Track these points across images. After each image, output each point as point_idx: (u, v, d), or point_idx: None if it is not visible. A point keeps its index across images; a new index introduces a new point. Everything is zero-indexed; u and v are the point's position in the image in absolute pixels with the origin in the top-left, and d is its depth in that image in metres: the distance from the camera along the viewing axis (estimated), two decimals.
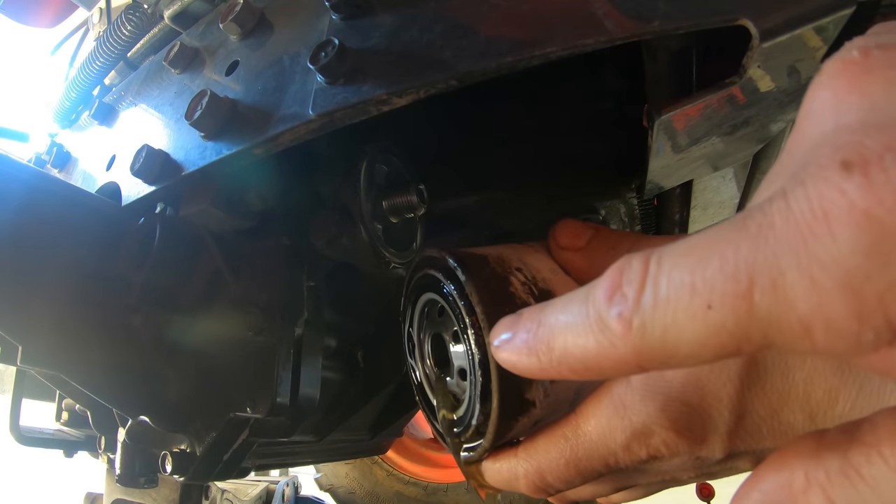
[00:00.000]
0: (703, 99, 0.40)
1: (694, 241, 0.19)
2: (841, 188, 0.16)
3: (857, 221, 0.16)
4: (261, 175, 0.53)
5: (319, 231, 0.55)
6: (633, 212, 0.76)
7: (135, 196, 0.53)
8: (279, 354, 0.54)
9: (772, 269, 0.17)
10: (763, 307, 0.17)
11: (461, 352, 0.33)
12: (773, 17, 0.33)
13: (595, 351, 0.21)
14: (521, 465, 0.31)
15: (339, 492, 2.08)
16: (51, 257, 0.51)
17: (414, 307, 0.39)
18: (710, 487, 2.46)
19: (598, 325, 0.21)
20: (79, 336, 0.53)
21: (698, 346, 0.19)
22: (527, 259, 0.35)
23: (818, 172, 0.17)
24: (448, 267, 0.34)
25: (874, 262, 0.15)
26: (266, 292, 0.55)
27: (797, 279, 0.17)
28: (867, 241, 0.16)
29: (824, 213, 0.16)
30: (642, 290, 0.20)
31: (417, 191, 0.55)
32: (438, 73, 0.37)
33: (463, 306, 0.32)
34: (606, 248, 0.34)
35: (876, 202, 0.15)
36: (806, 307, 0.17)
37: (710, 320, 0.18)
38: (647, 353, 0.20)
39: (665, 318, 0.19)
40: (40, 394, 0.87)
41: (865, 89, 0.18)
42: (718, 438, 0.28)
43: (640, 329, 0.20)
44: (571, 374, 0.23)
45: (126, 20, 0.65)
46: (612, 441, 0.29)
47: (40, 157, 0.81)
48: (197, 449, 0.56)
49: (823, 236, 0.16)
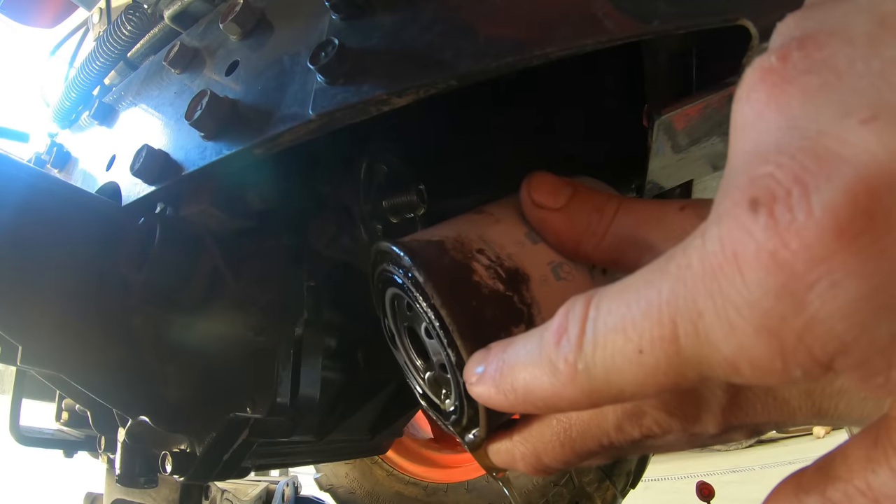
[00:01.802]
0: (703, 99, 0.40)
1: (626, 283, 0.20)
2: (749, 229, 0.16)
3: (765, 264, 0.16)
4: (261, 175, 0.53)
5: (319, 231, 0.55)
6: None
7: (135, 196, 0.53)
8: (279, 354, 0.54)
9: (691, 312, 0.17)
10: (689, 349, 0.18)
11: (437, 347, 0.32)
12: (773, 16, 0.33)
13: (550, 391, 0.22)
14: (518, 448, 0.31)
15: (339, 492, 2.08)
16: (51, 257, 0.51)
17: (383, 302, 0.37)
18: (710, 487, 2.47)
19: (549, 367, 0.22)
20: (79, 336, 0.53)
21: (639, 385, 0.19)
22: (488, 234, 0.33)
23: (729, 211, 0.17)
24: (404, 265, 0.32)
25: (786, 303, 0.15)
26: (266, 292, 0.55)
27: (715, 322, 0.17)
28: (776, 283, 0.15)
29: (734, 255, 0.16)
30: (583, 335, 0.20)
31: (417, 191, 0.55)
32: (438, 73, 0.37)
33: (428, 306, 0.30)
34: (591, 210, 0.32)
35: (781, 244, 0.15)
36: (728, 349, 0.17)
37: (644, 363, 0.19)
38: (596, 393, 0.21)
39: (606, 363, 0.20)
40: (40, 394, 0.87)
41: (783, 102, 0.18)
42: (712, 416, 0.28)
43: (585, 372, 0.20)
44: (537, 411, 0.24)
45: (126, 20, 0.65)
46: (604, 422, 0.29)
47: (40, 157, 0.81)
48: (197, 449, 0.56)
49: (735, 279, 0.16)
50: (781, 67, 0.18)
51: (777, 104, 0.18)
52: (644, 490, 2.10)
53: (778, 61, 0.18)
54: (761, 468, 4.21)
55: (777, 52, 0.18)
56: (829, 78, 0.17)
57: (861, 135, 0.15)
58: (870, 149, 0.15)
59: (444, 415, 0.35)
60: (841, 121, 0.16)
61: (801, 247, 0.15)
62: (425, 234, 0.34)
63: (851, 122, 0.16)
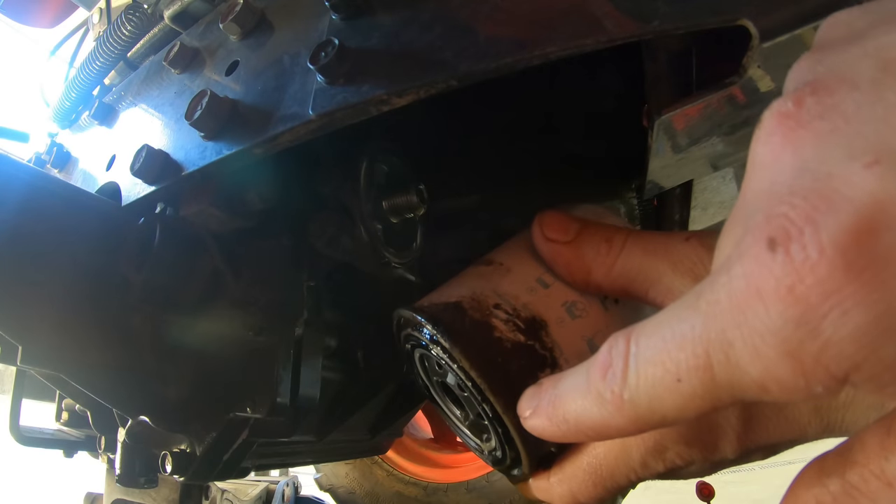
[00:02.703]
0: (703, 99, 0.40)
1: (660, 320, 0.22)
2: (769, 267, 0.18)
3: (783, 297, 0.18)
4: (261, 175, 0.53)
5: (319, 231, 0.55)
6: (633, 212, 0.76)
7: (135, 196, 0.53)
8: (279, 354, 0.54)
9: (722, 343, 0.20)
10: (722, 375, 0.20)
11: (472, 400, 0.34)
12: (773, 17, 0.33)
13: (601, 421, 0.25)
14: (556, 489, 0.34)
15: (339, 492, 2.08)
16: (50, 257, 0.51)
17: (412, 361, 0.39)
18: (710, 487, 2.46)
19: (597, 398, 0.24)
20: (79, 336, 0.53)
21: (679, 410, 0.22)
22: (502, 287, 0.35)
23: (750, 249, 0.19)
24: (428, 332, 0.33)
25: (803, 330, 0.18)
26: (266, 292, 0.55)
27: (743, 350, 0.19)
28: (795, 313, 0.18)
29: (757, 291, 0.18)
30: (626, 370, 0.23)
31: (417, 191, 0.55)
32: (438, 73, 0.37)
33: (457, 368, 0.32)
34: (599, 240, 0.34)
35: (797, 280, 0.18)
36: (756, 372, 0.19)
37: (683, 391, 0.21)
38: (642, 421, 0.23)
39: (648, 392, 0.22)
40: (40, 394, 0.87)
41: (797, 146, 0.20)
42: (729, 443, 0.30)
43: (630, 402, 0.23)
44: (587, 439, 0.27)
45: (126, 20, 0.65)
46: (630, 460, 0.31)
47: (40, 157, 0.80)
48: (197, 449, 0.56)
49: (759, 311, 0.18)
50: (797, 112, 0.20)
51: (793, 147, 0.20)
52: (644, 490, 2.10)
53: (794, 106, 0.20)
54: (761, 468, 4.20)
55: (792, 96, 0.20)
56: (838, 123, 0.19)
57: (864, 177, 0.17)
58: (871, 190, 0.17)
59: (488, 456, 0.37)
60: (848, 164, 0.18)
61: (815, 282, 0.17)
62: (441, 295, 0.35)
63: (856, 165, 0.18)
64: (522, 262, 0.36)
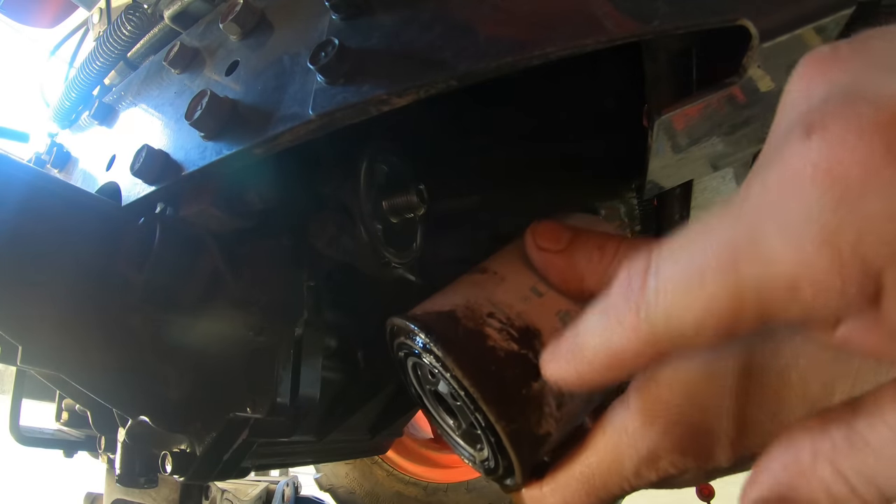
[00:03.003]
0: (703, 99, 0.40)
1: (684, 231, 0.21)
2: (804, 152, 0.18)
3: (821, 180, 0.17)
4: (261, 175, 0.53)
5: (319, 231, 0.55)
6: (633, 212, 0.76)
7: (135, 196, 0.53)
8: (279, 354, 0.54)
9: (753, 239, 0.19)
10: (749, 274, 0.19)
11: (465, 409, 0.33)
12: (773, 17, 0.33)
13: (617, 346, 0.23)
14: (548, 499, 0.34)
15: (339, 492, 2.08)
16: (50, 257, 0.51)
17: (405, 370, 0.39)
18: (710, 487, 2.46)
19: (615, 321, 0.23)
20: (79, 336, 0.53)
21: (698, 325, 0.20)
22: (496, 296, 0.34)
23: (785, 144, 0.18)
24: (421, 340, 0.33)
25: (841, 214, 0.17)
26: (266, 292, 0.55)
27: (777, 242, 0.18)
28: (833, 196, 0.17)
29: (793, 178, 0.18)
30: (645, 284, 0.22)
31: (417, 191, 0.55)
32: (438, 73, 0.37)
33: (450, 377, 0.32)
34: (592, 247, 0.34)
35: (836, 161, 0.17)
36: (790, 266, 0.18)
37: (704, 297, 0.20)
38: (658, 339, 0.22)
39: (666, 304, 0.21)
40: (40, 394, 0.87)
41: (832, 76, 0.20)
42: (723, 450, 0.29)
43: (647, 318, 0.22)
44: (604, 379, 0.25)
45: (126, 20, 0.65)
46: (623, 469, 0.31)
47: (40, 157, 0.80)
48: (197, 449, 0.56)
49: (795, 198, 0.18)
50: (832, 53, 0.20)
51: (827, 78, 0.20)
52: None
53: (830, 50, 0.21)
54: None
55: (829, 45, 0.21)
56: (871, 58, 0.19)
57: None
58: None
59: (480, 465, 0.37)
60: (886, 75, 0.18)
61: (854, 162, 0.17)
62: (434, 303, 0.35)
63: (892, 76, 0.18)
64: (516, 271, 0.35)
